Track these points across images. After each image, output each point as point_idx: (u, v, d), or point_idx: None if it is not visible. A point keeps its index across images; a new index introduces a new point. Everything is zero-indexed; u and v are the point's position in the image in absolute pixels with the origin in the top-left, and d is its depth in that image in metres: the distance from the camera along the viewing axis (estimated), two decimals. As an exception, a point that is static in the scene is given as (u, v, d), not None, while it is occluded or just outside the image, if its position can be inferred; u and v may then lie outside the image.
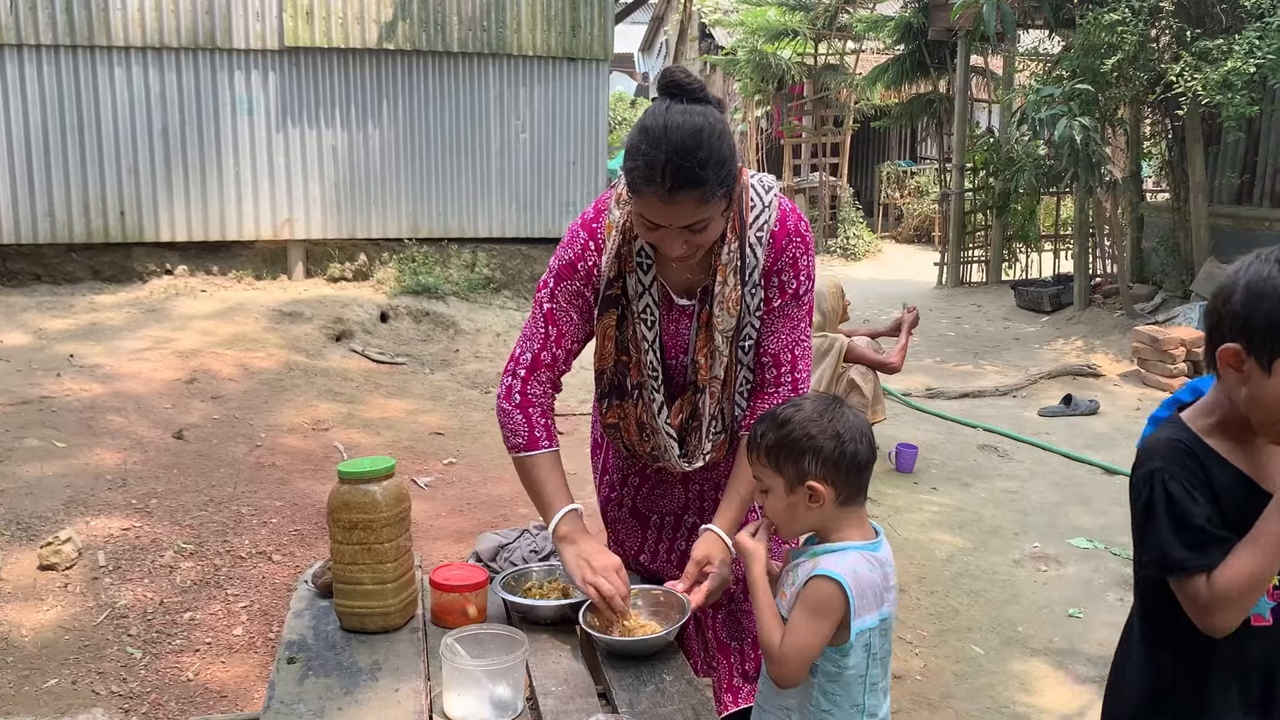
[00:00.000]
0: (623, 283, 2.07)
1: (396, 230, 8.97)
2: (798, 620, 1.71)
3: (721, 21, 19.05)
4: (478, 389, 6.89)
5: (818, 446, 1.73)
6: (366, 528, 1.91)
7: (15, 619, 3.50)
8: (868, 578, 1.73)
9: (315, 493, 4.80)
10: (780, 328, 2.09)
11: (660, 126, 1.82)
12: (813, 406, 1.78)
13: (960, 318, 10.86)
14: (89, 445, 5.03)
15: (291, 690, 1.76)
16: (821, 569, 1.71)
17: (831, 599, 1.69)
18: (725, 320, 2.04)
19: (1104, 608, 4.14)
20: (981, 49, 12.53)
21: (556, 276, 2.10)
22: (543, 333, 2.10)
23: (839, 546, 1.76)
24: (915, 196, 17.98)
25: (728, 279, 2.02)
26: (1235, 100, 7.45)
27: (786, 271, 2.05)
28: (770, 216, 2.04)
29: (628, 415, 2.16)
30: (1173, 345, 7.72)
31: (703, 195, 1.83)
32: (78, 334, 6.95)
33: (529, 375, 2.10)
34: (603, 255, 2.06)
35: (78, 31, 7.81)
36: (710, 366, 2.08)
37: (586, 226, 2.09)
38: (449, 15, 8.74)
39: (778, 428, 1.77)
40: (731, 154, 1.87)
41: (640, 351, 2.09)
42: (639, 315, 2.08)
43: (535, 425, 2.08)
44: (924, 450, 5.99)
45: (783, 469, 1.76)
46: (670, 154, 1.79)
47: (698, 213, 1.85)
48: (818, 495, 1.73)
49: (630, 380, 2.13)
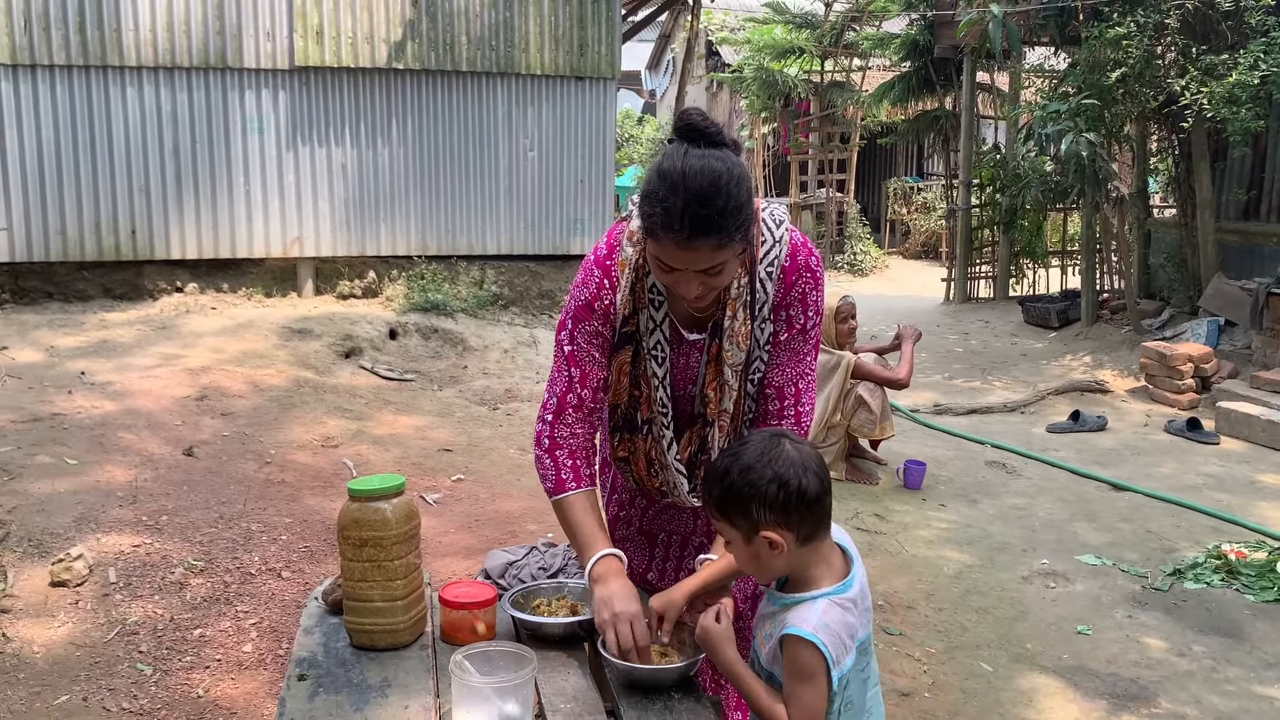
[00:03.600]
0: (636, 319, 2.08)
1: (405, 248, 9.02)
2: (794, 689, 1.69)
3: (728, 39, 19.14)
4: (486, 405, 6.91)
5: (761, 494, 1.68)
6: (376, 545, 1.93)
7: (27, 635, 3.51)
8: (839, 623, 1.69)
9: (324, 509, 4.81)
10: (786, 361, 2.09)
11: (679, 172, 1.80)
12: (750, 451, 1.72)
13: (968, 333, 10.86)
14: (100, 462, 5.06)
15: (302, 707, 1.77)
16: (792, 629, 1.68)
17: (813, 661, 1.66)
18: (735, 354, 2.04)
19: (1112, 625, 4.13)
20: (987, 65, 12.57)
21: (574, 318, 2.09)
22: (566, 376, 2.10)
23: (807, 596, 1.72)
24: (922, 212, 18.01)
25: (737, 313, 2.02)
26: (1241, 115, 7.47)
27: (795, 306, 2.05)
28: (781, 252, 2.03)
29: (637, 450, 2.18)
30: (1180, 361, 7.71)
31: (720, 241, 1.82)
32: (89, 351, 6.99)
33: (555, 420, 2.10)
34: (617, 293, 2.06)
35: (90, 52, 7.88)
36: (719, 400, 2.08)
37: (600, 264, 2.08)
38: (458, 35, 8.81)
39: (718, 480, 1.73)
40: (749, 199, 1.86)
41: (651, 388, 2.10)
42: (649, 352, 2.08)
43: (562, 468, 2.09)
44: (932, 466, 5.99)
45: (735, 523, 1.73)
46: (689, 200, 1.78)
47: (715, 257, 1.85)
48: (775, 544, 1.70)
49: (640, 415, 2.14)
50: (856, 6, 15.35)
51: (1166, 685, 3.66)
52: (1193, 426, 6.97)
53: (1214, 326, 8.52)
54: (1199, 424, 6.99)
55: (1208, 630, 4.08)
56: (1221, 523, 5.28)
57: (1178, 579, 4.52)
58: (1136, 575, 4.60)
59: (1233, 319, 8.57)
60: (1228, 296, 8.66)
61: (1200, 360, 7.76)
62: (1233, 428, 6.94)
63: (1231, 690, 3.64)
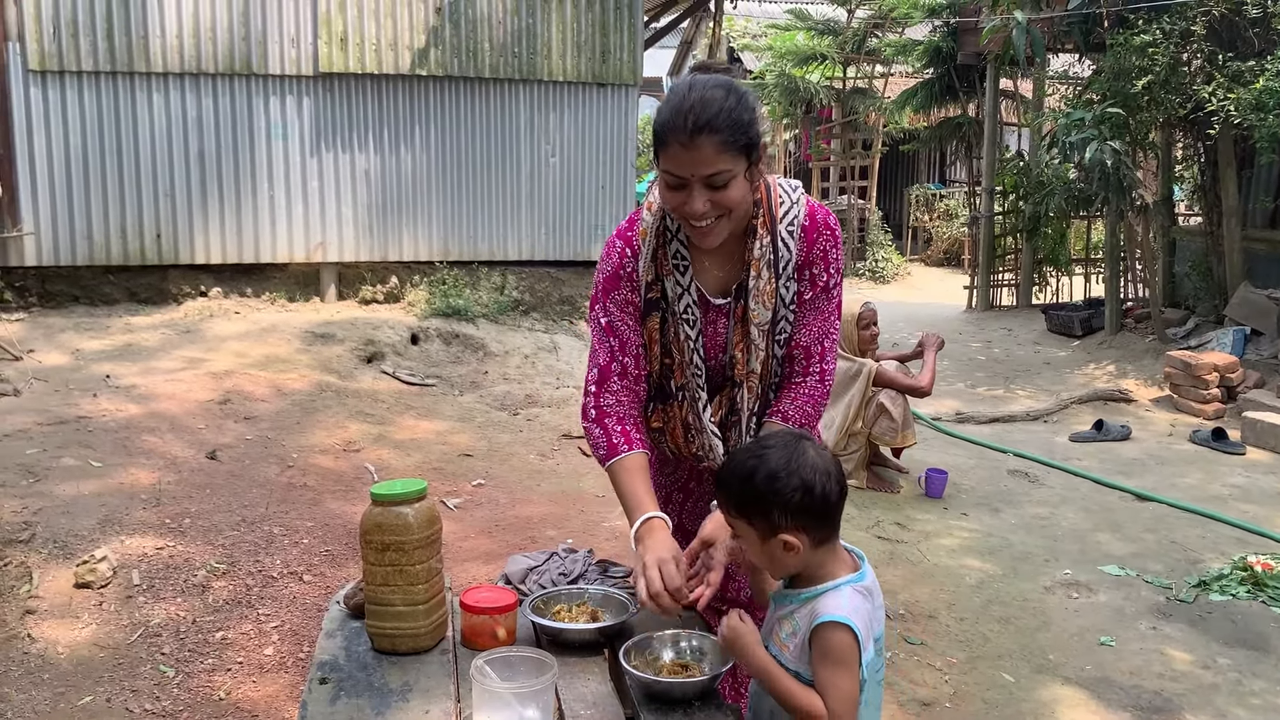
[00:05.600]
0: (661, 286, 2.15)
1: (427, 253, 9.05)
2: (830, 677, 1.67)
3: (750, 46, 19.13)
4: (506, 411, 6.93)
5: (785, 500, 1.69)
6: (398, 549, 1.94)
7: (51, 636, 3.55)
8: (864, 612, 1.71)
9: (346, 513, 4.84)
10: (811, 320, 2.15)
11: (685, 85, 1.96)
12: (776, 456, 1.72)
13: (990, 342, 10.80)
14: (124, 465, 5.10)
15: (323, 711, 1.78)
16: (827, 615, 1.68)
17: (849, 644, 1.66)
18: (761, 313, 2.10)
19: (1136, 636, 4.09)
20: (1011, 73, 12.52)
21: (604, 290, 2.17)
22: (607, 346, 2.16)
23: (832, 585, 1.73)
24: (944, 220, 17.93)
25: (761, 272, 2.09)
26: (1269, 121, 7.39)
27: (818, 264, 2.12)
28: (799, 212, 2.12)
29: (672, 418, 2.22)
30: (1205, 370, 7.64)
31: (722, 141, 1.90)
32: (114, 355, 7.06)
33: (600, 390, 2.15)
34: (640, 260, 2.14)
35: (118, 59, 7.97)
36: (747, 361, 2.14)
37: (622, 235, 2.18)
38: (480, 42, 8.85)
39: (742, 482, 1.73)
40: (753, 118, 1.95)
41: (684, 353, 2.16)
42: (681, 315, 2.14)
43: (612, 433, 2.12)
44: (954, 475, 5.96)
45: (754, 523, 1.73)
46: (694, 104, 1.90)
47: (717, 160, 1.91)
48: (791, 546, 1.71)
49: (674, 382, 2.19)
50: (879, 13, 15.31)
51: (1191, 698, 3.62)
52: (1218, 436, 6.91)
53: (1240, 335, 8.44)
54: (1224, 434, 6.93)
55: (1233, 643, 4.04)
56: (1247, 534, 5.23)
57: (1203, 590, 4.48)
58: (1161, 586, 4.56)
59: (1259, 328, 8.49)
60: (1254, 305, 8.58)
61: (1226, 370, 7.68)
62: (1259, 438, 6.87)
63: (1257, 704, 3.60)
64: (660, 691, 1.84)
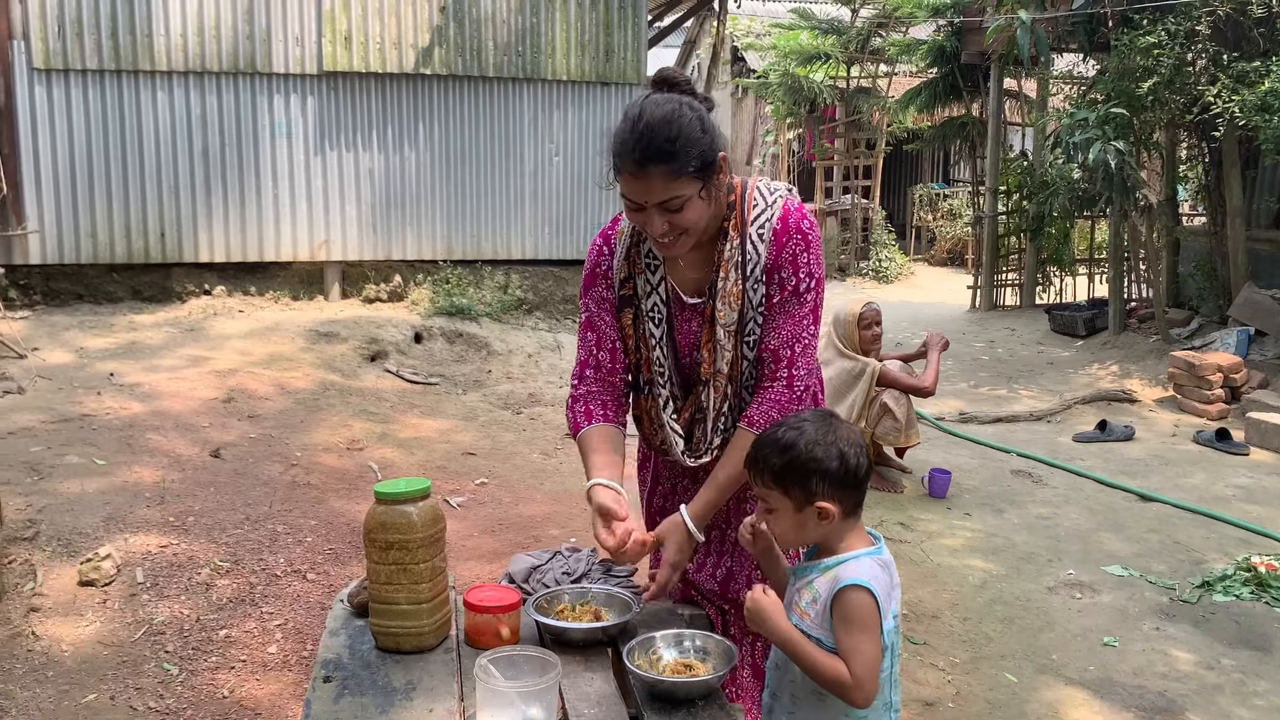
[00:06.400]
0: (634, 284, 2.21)
1: (431, 252, 9.06)
2: (853, 639, 1.73)
3: (754, 45, 19.11)
4: (509, 409, 6.93)
5: (825, 469, 1.78)
6: (402, 548, 1.94)
7: (56, 634, 3.55)
8: (883, 581, 1.78)
9: (349, 512, 4.84)
10: (781, 324, 2.14)
11: (637, 110, 1.96)
12: (814, 428, 1.81)
13: (994, 341, 10.79)
14: (128, 463, 5.11)
15: (327, 709, 1.78)
16: (849, 579, 1.75)
17: (870, 607, 1.73)
18: (727, 314, 2.13)
19: (1139, 637, 4.09)
20: (1015, 72, 12.50)
21: (585, 287, 2.27)
22: (586, 340, 2.26)
23: (853, 555, 1.81)
24: (948, 219, 17.90)
25: (729, 274, 2.12)
26: (1274, 122, 7.37)
27: (786, 269, 2.11)
28: (773, 215, 2.12)
29: (641, 409, 2.31)
30: (1209, 371, 7.63)
31: (672, 170, 1.92)
32: (118, 353, 7.07)
33: (579, 382, 2.27)
34: (614, 258, 2.22)
35: (122, 57, 7.98)
36: (714, 361, 2.16)
37: (603, 234, 2.27)
38: (484, 41, 8.85)
39: (782, 452, 1.80)
40: (708, 137, 1.96)
41: (649, 349, 2.22)
42: (647, 314, 2.20)
43: (578, 414, 2.24)
44: (957, 475, 5.95)
45: (790, 492, 1.80)
46: (643, 131, 1.91)
47: (669, 189, 1.94)
48: (827, 513, 1.78)
49: (642, 376, 2.26)
50: (883, 12, 15.28)
51: (1194, 699, 3.62)
52: (1222, 437, 6.90)
53: (1244, 336, 8.42)
54: (1228, 434, 6.92)
55: (1237, 643, 4.03)
56: (1251, 535, 5.22)
57: (1206, 591, 4.47)
58: (1164, 587, 4.55)
59: (1263, 328, 8.47)
60: (1258, 306, 8.57)
61: (1230, 370, 7.67)
62: (1263, 439, 6.86)
63: (1261, 705, 3.59)
64: (664, 691, 1.85)
